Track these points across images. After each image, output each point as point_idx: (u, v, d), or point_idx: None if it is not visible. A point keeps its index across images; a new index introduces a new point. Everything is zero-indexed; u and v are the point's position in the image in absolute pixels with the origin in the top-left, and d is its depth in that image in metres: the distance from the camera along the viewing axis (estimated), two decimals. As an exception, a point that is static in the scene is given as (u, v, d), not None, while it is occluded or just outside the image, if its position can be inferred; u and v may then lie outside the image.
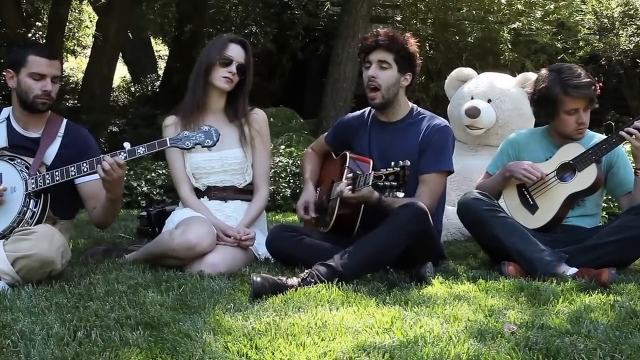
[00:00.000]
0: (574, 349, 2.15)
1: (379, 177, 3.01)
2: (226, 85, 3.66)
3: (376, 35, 3.55)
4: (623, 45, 10.62)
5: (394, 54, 3.51)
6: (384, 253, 3.15)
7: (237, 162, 3.70)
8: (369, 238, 3.17)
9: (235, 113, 3.72)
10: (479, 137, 4.91)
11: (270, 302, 2.73)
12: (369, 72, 3.54)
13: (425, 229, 3.21)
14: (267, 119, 3.84)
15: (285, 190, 6.54)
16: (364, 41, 3.58)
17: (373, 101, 3.57)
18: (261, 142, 3.77)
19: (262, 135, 3.78)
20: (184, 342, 2.22)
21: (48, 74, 3.34)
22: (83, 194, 3.45)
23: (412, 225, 3.15)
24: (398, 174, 2.97)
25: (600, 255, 3.33)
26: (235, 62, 3.65)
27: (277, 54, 11.07)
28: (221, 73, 3.64)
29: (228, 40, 3.72)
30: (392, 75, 3.53)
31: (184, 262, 3.34)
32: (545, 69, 3.71)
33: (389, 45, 3.51)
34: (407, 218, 3.14)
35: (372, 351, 2.14)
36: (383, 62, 3.52)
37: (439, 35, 10.53)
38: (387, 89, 3.53)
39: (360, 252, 3.11)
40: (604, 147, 3.49)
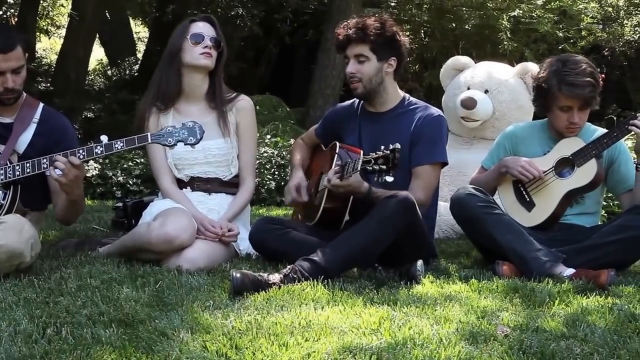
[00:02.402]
0: (570, 354, 2.17)
1: (367, 161, 3.02)
2: (207, 61, 3.63)
3: (347, 28, 3.54)
4: (627, 36, 10.67)
5: (369, 44, 3.51)
6: (370, 247, 3.15)
7: (221, 153, 3.69)
8: (354, 231, 3.17)
9: (220, 101, 3.71)
10: (475, 129, 4.92)
11: (251, 300, 2.73)
12: (347, 69, 3.57)
13: (413, 221, 3.21)
14: (253, 107, 3.83)
15: (270, 183, 6.53)
16: (337, 37, 3.59)
17: (356, 91, 3.59)
18: (247, 131, 3.76)
19: (249, 123, 3.77)
20: (159, 341, 2.22)
21: (5, 69, 3.23)
22: (51, 187, 3.40)
23: (399, 217, 3.15)
24: (388, 157, 2.98)
25: (599, 255, 3.34)
26: (206, 36, 3.63)
27: (264, 38, 11.04)
28: (197, 50, 3.61)
29: (190, 20, 3.70)
30: (372, 67, 3.54)
31: (162, 256, 3.33)
32: (553, 57, 3.71)
33: (361, 37, 3.51)
34: (393, 209, 3.15)
35: (358, 353, 2.15)
36: (360, 56, 3.53)
37: (434, 22, 10.54)
38: (369, 80, 3.55)
39: (344, 246, 3.12)
40: (605, 141, 3.50)
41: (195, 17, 3.76)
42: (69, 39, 9.88)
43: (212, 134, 3.67)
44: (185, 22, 3.73)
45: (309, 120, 8.81)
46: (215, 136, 3.68)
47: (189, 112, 3.68)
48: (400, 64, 3.60)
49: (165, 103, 3.70)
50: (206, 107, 3.72)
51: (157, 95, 3.71)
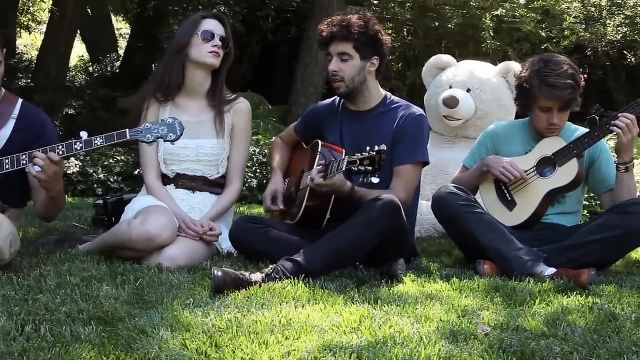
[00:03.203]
0: (550, 353, 2.19)
1: (353, 162, 3.03)
2: (215, 60, 3.63)
3: (331, 25, 3.53)
4: (610, 36, 10.75)
5: (353, 42, 3.50)
6: (354, 249, 3.16)
7: (213, 153, 3.69)
8: (338, 233, 3.17)
9: (217, 99, 3.70)
10: (457, 128, 4.94)
11: (232, 299, 2.73)
12: (330, 67, 3.57)
13: (398, 224, 3.22)
14: (250, 110, 3.84)
15: (251, 181, 6.53)
16: (320, 34, 3.58)
17: (338, 90, 3.59)
18: (241, 134, 3.75)
19: (244, 126, 3.77)
20: (139, 339, 2.21)
21: None
22: (30, 183, 3.38)
23: (384, 221, 3.16)
24: (374, 159, 2.99)
25: (580, 255, 3.37)
26: (217, 35, 3.63)
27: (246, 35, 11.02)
28: (206, 49, 3.61)
29: (201, 16, 3.69)
30: (355, 65, 3.53)
31: (142, 254, 3.32)
32: (536, 57, 3.73)
33: (345, 35, 3.50)
34: (379, 212, 3.15)
35: (338, 351, 2.15)
36: (343, 55, 3.52)
37: (417, 21, 10.56)
38: (352, 80, 3.55)
39: (328, 247, 3.12)
40: (586, 141, 3.53)
41: (206, 14, 3.74)
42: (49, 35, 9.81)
43: (207, 133, 3.67)
44: (196, 17, 3.72)
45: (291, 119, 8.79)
46: (209, 135, 3.68)
47: (188, 108, 3.69)
48: (382, 63, 3.61)
49: (166, 96, 3.69)
50: (206, 105, 3.72)
51: (159, 87, 3.70)
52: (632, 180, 3.56)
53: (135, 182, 6.37)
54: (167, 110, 3.68)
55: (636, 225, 3.35)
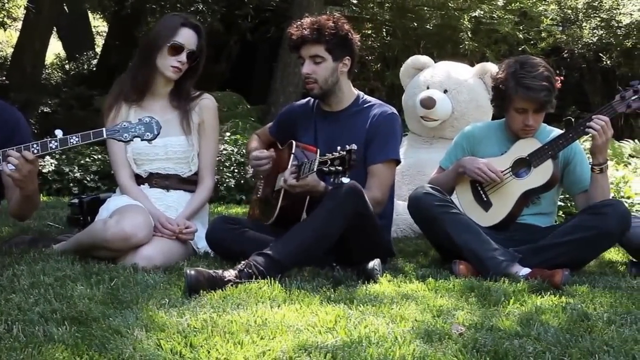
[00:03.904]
0: (523, 352, 2.21)
1: (324, 162, 3.04)
2: (174, 75, 3.62)
3: (301, 28, 3.52)
4: (586, 38, 10.86)
5: (325, 44, 3.50)
6: (322, 236, 3.17)
7: (182, 150, 3.68)
8: (305, 223, 3.21)
9: (184, 99, 3.69)
10: (434, 129, 4.96)
11: (207, 298, 2.72)
12: (303, 70, 3.55)
13: (362, 208, 3.23)
14: (216, 106, 3.83)
15: (229, 181, 6.52)
16: (290, 37, 3.56)
17: (312, 92, 3.60)
18: (209, 130, 3.74)
19: (211, 122, 3.76)
20: (113, 339, 2.20)
21: None
22: (4, 182, 3.35)
23: (347, 204, 3.17)
24: (344, 158, 2.99)
25: (554, 255, 3.40)
26: (186, 49, 3.59)
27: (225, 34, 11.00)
28: (170, 62, 3.59)
29: (180, 23, 3.62)
30: (328, 67, 3.54)
31: (117, 253, 3.31)
32: (512, 58, 3.76)
33: (316, 37, 3.49)
34: (342, 197, 3.16)
35: (313, 351, 2.16)
36: (316, 57, 3.52)
37: (396, 21, 10.61)
38: (325, 81, 3.55)
39: (297, 238, 3.13)
40: (561, 142, 3.56)
41: (186, 20, 3.65)
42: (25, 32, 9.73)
43: (174, 131, 3.66)
44: (175, 22, 3.63)
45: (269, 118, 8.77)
46: (176, 133, 3.67)
47: (152, 108, 3.67)
48: (353, 62, 3.62)
49: (133, 96, 3.67)
50: (169, 104, 3.70)
51: (132, 87, 3.68)
52: (606, 181, 3.61)
53: (112, 180, 6.32)
54: (132, 111, 3.67)
55: (609, 226, 3.39)
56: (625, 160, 7.51)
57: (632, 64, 10.72)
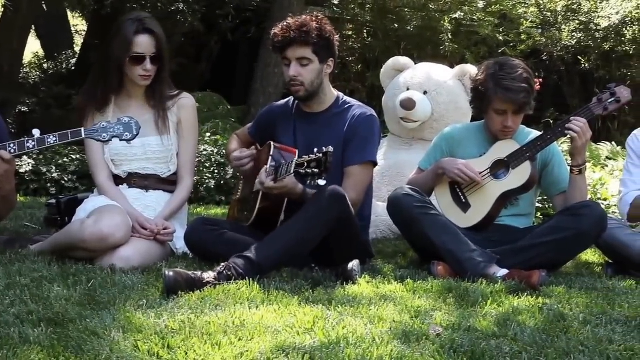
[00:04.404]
0: (500, 352, 2.23)
1: (300, 165, 3.03)
2: (145, 82, 3.62)
3: (287, 29, 3.49)
4: (565, 41, 10.92)
5: (312, 46, 3.48)
6: (303, 240, 3.18)
7: (161, 150, 3.67)
8: (287, 226, 3.21)
9: (160, 99, 3.68)
10: (414, 130, 4.98)
11: (186, 299, 2.72)
12: (290, 72, 3.51)
13: (344, 213, 3.24)
14: (195, 105, 3.81)
15: (209, 181, 6.49)
16: (275, 37, 3.52)
17: (297, 94, 3.57)
18: (188, 130, 3.73)
19: (189, 122, 3.75)
20: (90, 340, 2.20)
21: None
22: None
23: (330, 211, 3.18)
24: (320, 160, 2.99)
25: (531, 256, 3.43)
26: (147, 56, 3.56)
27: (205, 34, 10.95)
28: (136, 72, 3.57)
29: (133, 33, 3.54)
30: (315, 69, 3.53)
31: (95, 254, 3.30)
32: (491, 60, 3.78)
33: (305, 39, 3.47)
34: (325, 202, 3.17)
35: (291, 352, 2.16)
36: (303, 59, 3.50)
37: (377, 22, 10.62)
38: (311, 84, 3.54)
39: (278, 242, 3.14)
40: (539, 144, 3.59)
41: (137, 27, 3.56)
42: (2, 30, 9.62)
43: (152, 131, 3.65)
44: (128, 32, 3.55)
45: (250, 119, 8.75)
46: (155, 133, 3.66)
47: (129, 108, 3.66)
48: (335, 64, 3.62)
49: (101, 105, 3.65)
50: (146, 104, 3.69)
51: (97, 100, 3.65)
52: (584, 183, 3.65)
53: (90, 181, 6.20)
54: (110, 111, 3.64)
55: (586, 228, 3.43)
56: (603, 163, 7.57)
57: (610, 66, 10.81)
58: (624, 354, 2.24)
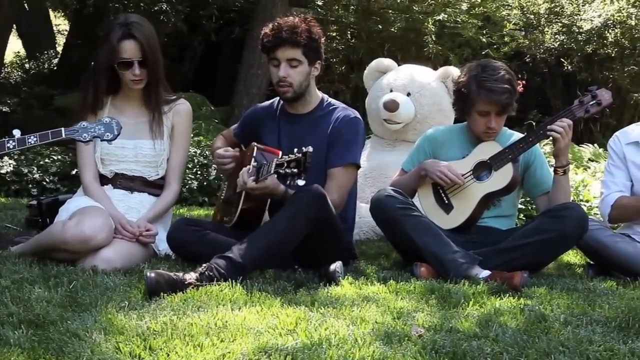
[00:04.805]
0: (481, 353, 2.24)
1: (280, 165, 3.03)
2: (138, 86, 3.62)
3: (278, 29, 3.49)
4: (548, 43, 11.00)
5: (302, 48, 3.49)
6: (284, 239, 3.19)
7: (152, 154, 3.67)
8: (267, 226, 3.22)
9: (152, 102, 3.67)
10: (397, 132, 5.00)
11: (168, 301, 2.72)
12: (280, 73, 3.51)
13: (324, 212, 3.25)
14: (190, 112, 3.81)
15: (191, 183, 6.49)
16: (266, 37, 3.52)
17: (285, 95, 3.58)
18: (180, 136, 3.73)
19: (183, 127, 3.75)
20: (71, 342, 2.19)
21: None
22: None
23: (311, 210, 3.19)
24: (299, 160, 2.99)
25: (513, 257, 3.45)
26: (134, 60, 3.55)
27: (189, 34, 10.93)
28: (127, 77, 3.58)
29: (118, 39, 3.53)
30: (304, 71, 3.54)
31: (77, 256, 3.29)
32: (474, 62, 3.81)
33: (296, 40, 3.47)
34: (305, 201, 3.18)
35: (273, 353, 2.17)
36: (292, 60, 3.50)
37: (361, 24, 10.64)
38: (300, 85, 3.55)
39: (258, 241, 3.14)
40: (521, 146, 3.62)
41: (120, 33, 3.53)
42: (-17, 30, 9.56)
43: (146, 134, 3.66)
44: (112, 40, 3.54)
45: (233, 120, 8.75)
46: (148, 136, 3.66)
47: (126, 109, 3.68)
48: (321, 66, 3.63)
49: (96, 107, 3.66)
50: (143, 107, 3.70)
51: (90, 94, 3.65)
52: (568, 184, 3.69)
53: (72, 182, 6.27)
54: (105, 113, 3.64)
55: (568, 229, 3.46)
56: (585, 164, 7.63)
57: (592, 69, 10.89)
58: (603, 354, 2.26)
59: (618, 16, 10.39)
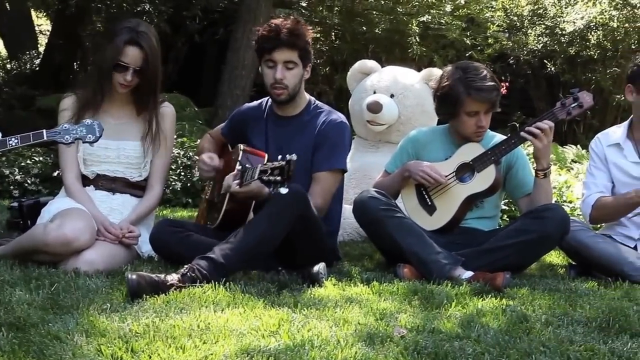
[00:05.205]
0: (463, 353, 2.26)
1: (264, 171, 3.02)
2: (123, 90, 3.61)
3: (277, 30, 3.48)
4: (531, 45, 11.08)
5: (298, 51, 3.50)
6: (265, 238, 3.18)
7: (135, 155, 3.66)
8: (249, 226, 3.21)
9: (144, 106, 3.68)
10: (380, 133, 5.02)
11: (150, 303, 2.71)
12: (276, 75, 3.50)
13: (305, 212, 3.26)
14: (174, 114, 3.81)
15: (175, 184, 6.47)
16: (264, 38, 3.51)
17: (279, 97, 3.56)
18: (164, 139, 3.72)
19: (167, 130, 3.74)
20: (52, 345, 2.18)
21: None
22: None
23: (291, 208, 3.19)
24: (283, 168, 2.98)
25: (496, 258, 3.48)
26: (131, 67, 3.55)
27: (172, 35, 10.91)
28: (117, 79, 3.57)
29: (124, 42, 3.54)
30: (299, 74, 3.55)
31: (59, 258, 3.28)
32: (451, 66, 3.83)
33: (294, 42, 3.48)
34: (286, 201, 3.17)
35: (255, 355, 2.17)
36: (289, 63, 3.50)
37: (345, 25, 10.66)
38: (294, 88, 3.56)
39: (240, 240, 3.14)
40: (504, 148, 3.64)
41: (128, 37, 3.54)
42: (-36, 30, 9.51)
43: (131, 135, 3.65)
44: (118, 42, 3.54)
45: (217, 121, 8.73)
46: (132, 138, 3.66)
47: (110, 110, 3.67)
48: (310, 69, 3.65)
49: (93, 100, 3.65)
50: (131, 110, 3.69)
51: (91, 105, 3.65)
52: (549, 186, 3.70)
53: (54, 183, 6.24)
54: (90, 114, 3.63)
55: (550, 230, 3.48)
56: (568, 166, 7.68)
57: (575, 71, 10.97)
58: (584, 354, 2.29)
59: (600, 18, 10.47)
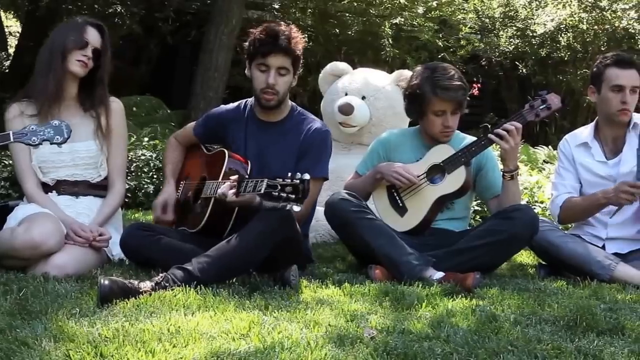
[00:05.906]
0: (432, 354, 2.28)
1: (273, 187, 2.91)
2: (80, 70, 3.56)
3: (275, 35, 3.44)
4: (503, 47, 11.19)
5: (293, 58, 3.48)
6: (246, 259, 3.16)
7: (90, 155, 3.63)
8: (231, 242, 3.15)
9: (92, 103, 3.65)
10: (352, 135, 5.04)
11: (120, 307, 2.70)
12: (269, 80, 3.46)
13: (292, 234, 3.24)
14: (123, 109, 3.79)
15: (147, 186, 6.44)
16: (260, 41, 3.47)
17: (269, 102, 3.53)
18: (117, 134, 3.70)
19: (118, 126, 3.72)
20: (19, 351, 2.17)
21: None
22: None
23: (278, 231, 3.16)
24: (297, 187, 2.88)
25: (466, 259, 3.51)
26: (90, 45, 3.56)
27: (145, 37, 10.87)
28: (75, 56, 3.54)
29: (85, 23, 3.60)
30: (289, 80, 3.53)
31: (28, 262, 3.25)
32: (421, 66, 3.87)
33: (291, 49, 3.45)
34: (273, 223, 3.15)
35: (225, 358, 2.18)
36: (282, 69, 3.48)
37: (318, 27, 10.70)
38: (284, 94, 3.54)
39: (220, 256, 3.10)
40: (473, 149, 3.68)
41: (89, 20, 3.63)
42: None
43: (81, 136, 3.59)
44: (79, 22, 3.60)
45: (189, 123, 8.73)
46: (83, 138, 3.61)
47: (57, 112, 3.60)
48: None
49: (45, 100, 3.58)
50: (77, 108, 3.65)
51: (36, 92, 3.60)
52: (517, 188, 3.73)
53: (23, 187, 6.18)
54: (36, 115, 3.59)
55: (519, 230, 3.52)
56: (540, 166, 7.76)
57: (546, 72, 11.11)
58: (551, 352, 2.32)
59: (570, 20, 10.60)
